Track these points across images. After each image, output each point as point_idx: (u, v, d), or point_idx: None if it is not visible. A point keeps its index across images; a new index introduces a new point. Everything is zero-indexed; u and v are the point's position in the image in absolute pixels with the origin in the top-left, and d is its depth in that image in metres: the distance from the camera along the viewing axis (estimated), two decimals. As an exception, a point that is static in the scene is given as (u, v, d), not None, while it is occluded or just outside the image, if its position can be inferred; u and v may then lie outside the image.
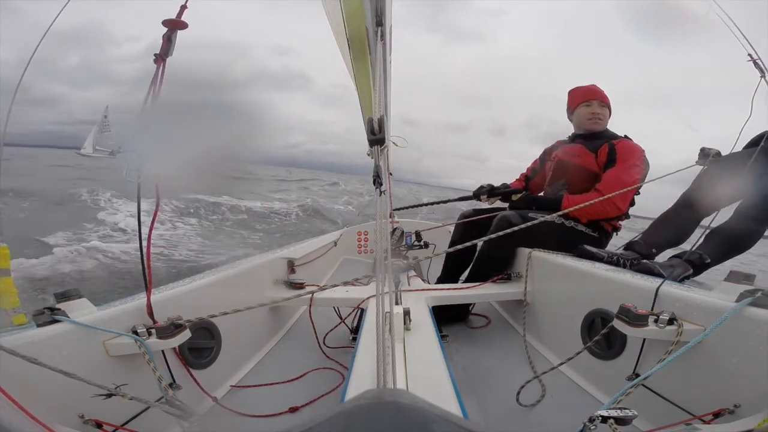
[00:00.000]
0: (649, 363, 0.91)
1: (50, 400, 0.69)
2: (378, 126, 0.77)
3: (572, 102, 1.90)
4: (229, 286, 1.27)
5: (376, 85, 0.90)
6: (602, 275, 1.17)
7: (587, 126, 1.83)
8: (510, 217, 1.66)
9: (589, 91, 1.85)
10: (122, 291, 3.55)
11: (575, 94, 1.89)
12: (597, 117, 1.81)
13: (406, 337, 0.97)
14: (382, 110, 0.82)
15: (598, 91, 1.85)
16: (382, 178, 0.77)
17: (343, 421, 0.22)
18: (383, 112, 0.81)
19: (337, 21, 1.10)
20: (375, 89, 0.91)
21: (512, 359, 1.37)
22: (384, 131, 0.78)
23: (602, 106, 1.82)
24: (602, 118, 1.82)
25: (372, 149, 0.81)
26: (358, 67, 1.25)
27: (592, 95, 1.83)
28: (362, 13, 0.98)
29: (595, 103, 1.82)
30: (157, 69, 0.78)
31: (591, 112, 1.81)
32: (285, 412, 1.08)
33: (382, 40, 1.00)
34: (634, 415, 0.59)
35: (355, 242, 3.20)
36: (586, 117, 1.82)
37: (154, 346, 0.86)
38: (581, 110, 1.84)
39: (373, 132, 0.77)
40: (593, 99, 1.82)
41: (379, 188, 0.77)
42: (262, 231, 8.29)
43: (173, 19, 0.81)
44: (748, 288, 0.78)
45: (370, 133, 0.77)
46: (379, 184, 0.77)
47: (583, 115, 1.84)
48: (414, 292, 1.47)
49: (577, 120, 1.87)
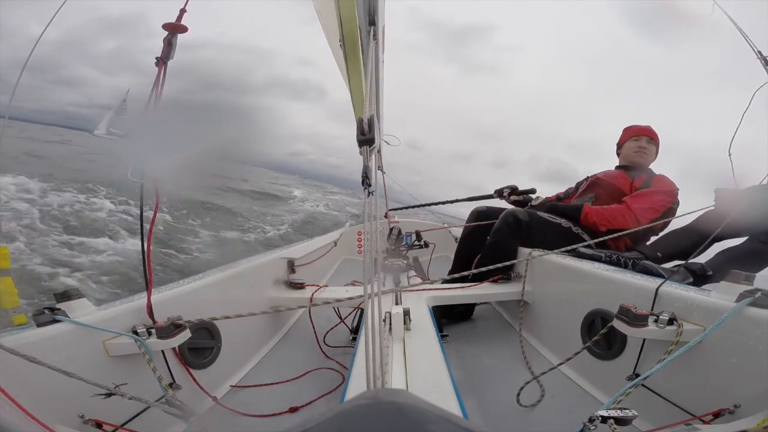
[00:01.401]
0: (649, 363, 0.91)
1: (50, 400, 0.69)
2: (368, 126, 0.77)
3: (624, 136, 1.98)
4: (229, 286, 1.27)
5: (367, 85, 0.89)
6: (602, 275, 1.17)
7: (632, 158, 1.90)
8: (517, 213, 1.66)
9: (642, 129, 1.94)
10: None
11: (629, 130, 1.97)
12: (643, 151, 1.89)
13: (406, 337, 0.98)
14: (373, 110, 0.81)
15: (650, 130, 1.93)
16: (370, 179, 0.77)
17: (343, 421, 0.22)
18: (374, 112, 0.81)
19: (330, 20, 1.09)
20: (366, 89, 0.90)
21: (512, 359, 1.37)
22: (374, 131, 0.78)
23: (650, 142, 1.90)
24: (648, 153, 1.89)
25: (361, 149, 0.80)
26: (351, 67, 1.25)
27: (644, 132, 1.92)
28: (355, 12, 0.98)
29: (644, 138, 1.90)
30: (159, 72, 0.78)
31: (638, 146, 1.89)
32: (285, 412, 1.08)
33: (375, 40, 0.99)
34: (634, 415, 0.59)
35: (355, 242, 3.20)
36: (633, 150, 1.90)
37: (154, 346, 0.86)
38: (630, 144, 1.93)
39: (362, 132, 0.77)
40: (643, 135, 1.90)
41: (368, 188, 0.76)
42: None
43: (173, 23, 0.82)
44: (747, 288, 0.78)
45: (360, 133, 0.77)
46: (367, 184, 0.76)
47: (630, 148, 1.92)
48: (414, 292, 1.47)
49: (624, 152, 1.95)
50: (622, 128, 2.02)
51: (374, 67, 0.96)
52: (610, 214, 1.63)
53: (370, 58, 0.95)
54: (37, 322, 0.76)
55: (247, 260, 1.52)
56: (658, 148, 1.92)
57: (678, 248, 1.57)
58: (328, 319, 1.58)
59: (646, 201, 1.65)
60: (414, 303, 1.25)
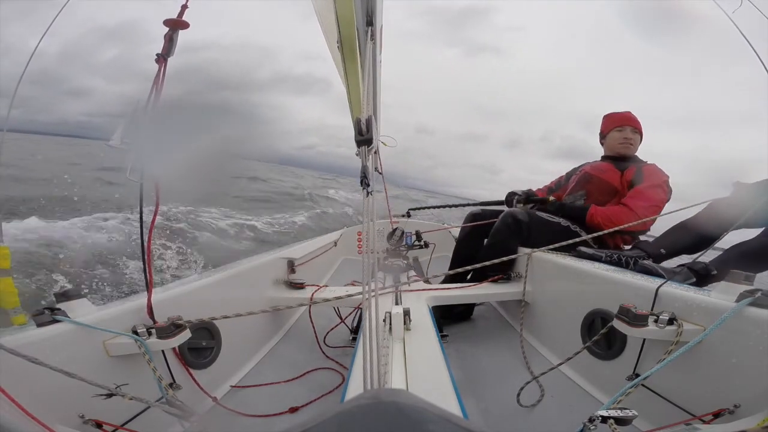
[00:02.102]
0: (649, 363, 0.91)
1: (50, 400, 0.69)
2: (366, 126, 0.77)
3: (606, 126, 1.97)
4: (229, 286, 1.27)
5: (364, 85, 0.89)
6: (602, 275, 1.17)
7: (618, 150, 1.90)
8: (516, 214, 1.66)
9: (624, 117, 1.92)
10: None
11: (610, 119, 1.96)
12: (629, 142, 1.88)
13: (406, 337, 0.98)
14: (371, 110, 0.81)
15: (632, 118, 1.91)
16: (369, 179, 0.77)
17: (343, 421, 0.22)
18: (371, 112, 0.81)
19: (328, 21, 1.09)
20: (364, 89, 0.90)
21: (512, 359, 1.37)
22: (372, 132, 0.78)
23: (634, 132, 1.89)
24: (633, 143, 1.89)
25: (360, 150, 0.80)
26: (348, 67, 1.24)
27: (627, 121, 1.90)
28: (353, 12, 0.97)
29: (628, 128, 1.89)
30: (159, 69, 0.78)
31: (623, 137, 1.88)
32: (285, 412, 1.08)
33: (372, 40, 0.99)
34: (634, 415, 0.59)
35: (355, 242, 3.20)
36: (618, 141, 1.89)
37: (154, 346, 0.86)
38: (614, 134, 1.91)
39: (360, 132, 0.77)
40: (627, 125, 1.89)
41: (366, 189, 0.76)
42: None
43: (174, 19, 0.80)
44: (748, 288, 0.78)
45: (357, 133, 0.77)
46: (366, 185, 0.76)
47: (615, 139, 1.91)
48: (414, 292, 1.47)
49: (609, 143, 1.94)
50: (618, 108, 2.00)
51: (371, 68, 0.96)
52: (616, 216, 1.64)
53: (368, 58, 0.95)
54: (37, 322, 0.76)
55: (247, 260, 1.52)
56: (642, 135, 1.92)
57: (682, 244, 1.57)
58: (328, 319, 1.58)
59: (645, 199, 1.65)
60: (414, 303, 1.25)
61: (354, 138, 0.78)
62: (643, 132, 1.91)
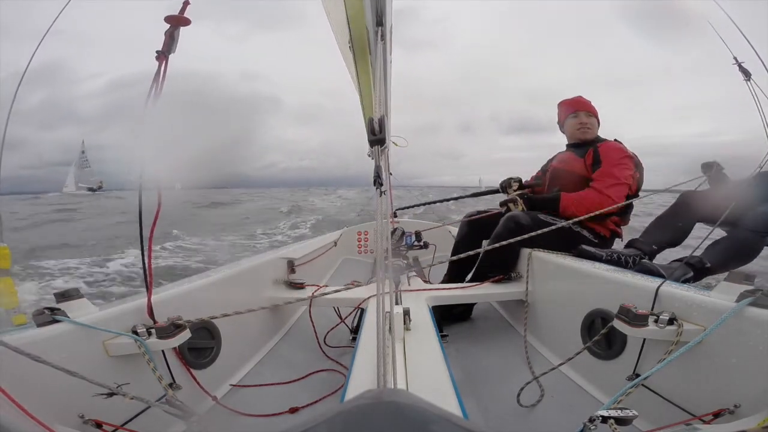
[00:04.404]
0: (649, 363, 0.91)
1: (50, 399, 0.69)
2: (378, 126, 0.77)
3: (561, 115, 1.99)
4: (229, 286, 1.27)
5: (376, 85, 0.90)
6: (602, 275, 1.17)
7: (577, 136, 1.91)
8: (519, 217, 1.66)
9: (575, 102, 1.94)
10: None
11: (562, 106, 1.98)
12: (585, 126, 1.89)
13: (406, 337, 0.97)
14: (383, 110, 0.82)
15: (583, 102, 1.93)
16: (382, 178, 0.77)
17: (343, 421, 0.22)
18: (384, 112, 0.81)
19: (339, 21, 1.10)
20: (375, 89, 0.91)
21: (512, 359, 1.37)
22: (384, 131, 0.78)
23: (589, 116, 1.90)
24: (590, 127, 1.90)
25: (372, 149, 0.81)
26: (360, 67, 1.25)
27: (578, 106, 1.92)
28: (363, 13, 0.98)
29: (582, 113, 1.90)
30: (159, 66, 0.77)
31: (579, 123, 1.90)
32: (285, 412, 1.08)
33: (383, 40, 1.00)
34: (634, 415, 0.59)
35: (355, 242, 3.20)
36: (575, 127, 1.91)
37: (154, 346, 0.86)
38: (570, 122, 1.94)
39: (373, 132, 0.77)
40: (579, 110, 1.91)
41: (380, 188, 0.77)
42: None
43: (176, 16, 0.79)
44: (748, 288, 0.78)
45: (370, 133, 0.77)
46: (379, 184, 0.77)
47: (572, 126, 1.93)
48: (414, 292, 1.47)
49: (568, 131, 1.96)
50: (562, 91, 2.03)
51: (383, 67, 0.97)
52: (588, 202, 1.65)
53: (379, 58, 0.95)
54: (36, 322, 0.76)
55: (247, 260, 1.52)
56: (598, 118, 1.93)
57: (664, 237, 1.64)
58: (328, 320, 1.58)
59: (609, 179, 1.66)
60: (414, 303, 1.25)
61: (367, 138, 0.78)
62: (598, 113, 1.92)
